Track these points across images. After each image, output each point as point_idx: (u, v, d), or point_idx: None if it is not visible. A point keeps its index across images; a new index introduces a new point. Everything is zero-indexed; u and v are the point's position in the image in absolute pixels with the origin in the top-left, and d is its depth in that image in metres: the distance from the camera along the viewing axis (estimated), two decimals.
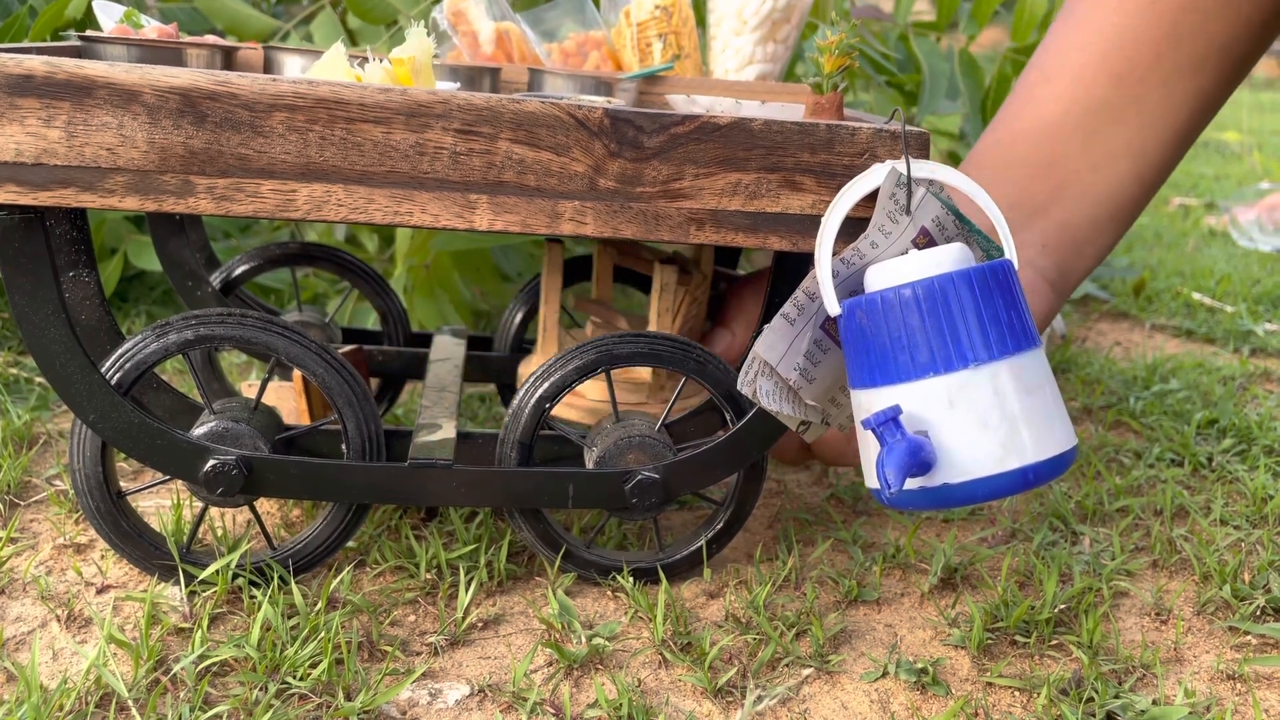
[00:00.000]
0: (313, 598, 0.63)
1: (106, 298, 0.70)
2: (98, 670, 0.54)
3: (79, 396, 0.59)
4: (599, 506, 0.65)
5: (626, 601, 0.66)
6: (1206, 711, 0.57)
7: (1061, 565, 0.70)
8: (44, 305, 0.57)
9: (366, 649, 0.59)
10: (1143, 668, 0.60)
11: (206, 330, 0.61)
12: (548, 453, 0.72)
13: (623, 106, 0.57)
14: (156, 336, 0.60)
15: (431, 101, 0.55)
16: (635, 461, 0.64)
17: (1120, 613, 0.67)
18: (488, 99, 0.55)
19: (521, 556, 0.70)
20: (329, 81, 0.54)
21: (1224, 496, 0.82)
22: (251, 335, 0.61)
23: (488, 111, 0.55)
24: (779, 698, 0.57)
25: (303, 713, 0.53)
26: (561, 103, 0.56)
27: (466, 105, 0.55)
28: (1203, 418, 0.97)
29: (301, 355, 0.62)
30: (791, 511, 0.79)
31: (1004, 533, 0.76)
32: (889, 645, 0.62)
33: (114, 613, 0.61)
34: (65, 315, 0.58)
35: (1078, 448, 0.56)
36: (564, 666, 0.59)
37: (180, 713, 0.52)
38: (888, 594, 0.68)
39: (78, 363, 0.58)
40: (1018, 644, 0.63)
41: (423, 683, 0.57)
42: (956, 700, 0.57)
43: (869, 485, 0.56)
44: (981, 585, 0.69)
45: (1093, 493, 0.81)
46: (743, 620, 0.64)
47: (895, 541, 0.73)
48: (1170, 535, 0.75)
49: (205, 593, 0.63)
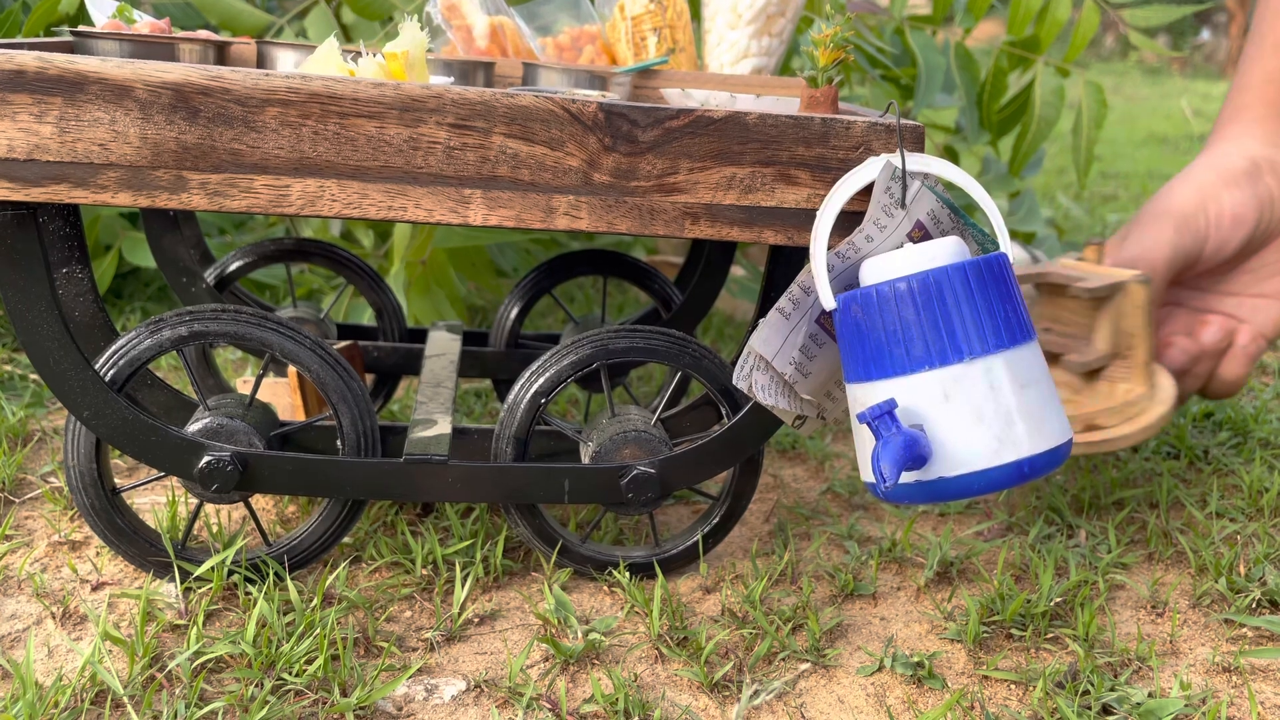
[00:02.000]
0: (308, 594, 0.63)
1: (100, 294, 0.70)
2: (93, 667, 0.54)
3: (73, 393, 0.58)
4: (595, 502, 0.64)
5: (623, 597, 0.66)
6: (1202, 704, 0.57)
7: (1057, 558, 0.70)
8: (37, 302, 0.57)
9: (362, 645, 0.59)
10: (1139, 660, 0.61)
11: (201, 326, 0.61)
12: (543, 448, 0.72)
13: (617, 101, 0.57)
14: (150, 333, 0.60)
15: (425, 96, 0.54)
16: (631, 456, 0.64)
17: (1116, 606, 0.67)
18: (481, 93, 0.55)
19: (518, 552, 0.70)
20: (322, 76, 0.54)
21: (1220, 489, 0.82)
22: (246, 331, 0.61)
23: (481, 106, 0.55)
24: (775, 692, 0.57)
25: (298, 709, 0.53)
26: (556, 97, 0.55)
27: (460, 100, 0.55)
28: (1199, 410, 0.97)
29: (296, 351, 0.62)
30: (788, 506, 0.79)
31: (1000, 526, 0.76)
32: (885, 639, 0.62)
33: (109, 610, 0.61)
34: (59, 312, 0.58)
35: (1073, 441, 0.56)
36: (560, 662, 0.59)
37: (176, 709, 0.52)
38: (884, 588, 0.68)
39: (71, 359, 0.58)
40: (1014, 637, 0.63)
41: (419, 678, 0.57)
42: (953, 694, 0.57)
43: (864, 479, 0.56)
44: (977, 579, 0.69)
45: (1089, 486, 0.81)
46: (739, 615, 0.64)
47: (891, 536, 0.73)
48: (1166, 528, 0.75)
49: (201, 589, 0.63)
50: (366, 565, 0.67)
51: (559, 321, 1.23)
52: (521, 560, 0.69)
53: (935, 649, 0.62)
